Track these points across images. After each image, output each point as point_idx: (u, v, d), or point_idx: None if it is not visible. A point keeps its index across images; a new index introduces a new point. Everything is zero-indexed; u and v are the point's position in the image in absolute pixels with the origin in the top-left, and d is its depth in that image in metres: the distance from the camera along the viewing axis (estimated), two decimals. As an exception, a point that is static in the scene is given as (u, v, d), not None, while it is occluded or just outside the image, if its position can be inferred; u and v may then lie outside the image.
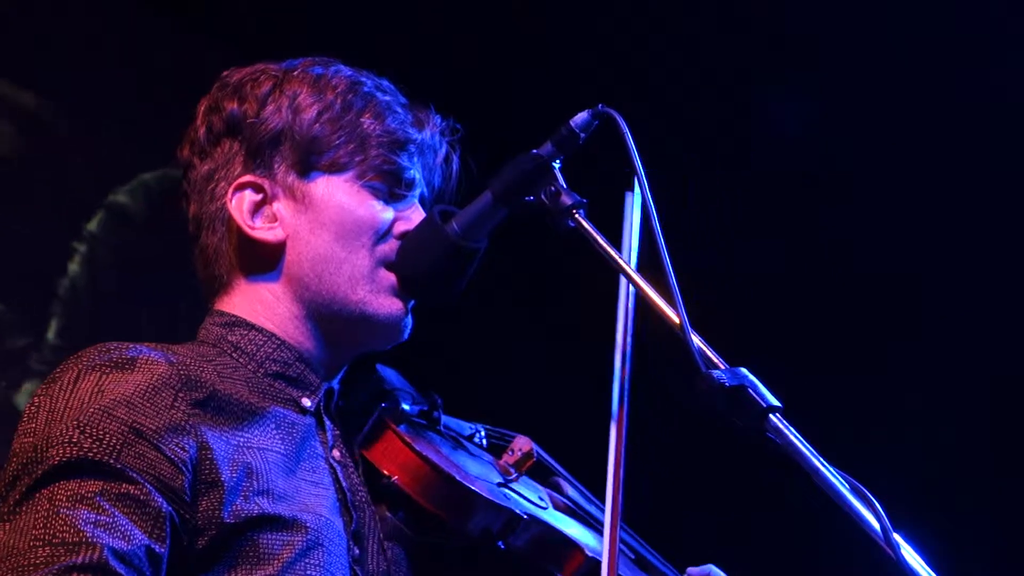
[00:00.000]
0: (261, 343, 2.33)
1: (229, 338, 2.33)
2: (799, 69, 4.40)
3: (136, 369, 2.16)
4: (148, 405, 2.13)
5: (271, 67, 2.42)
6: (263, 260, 2.36)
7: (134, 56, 4.37)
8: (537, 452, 2.57)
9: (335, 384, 2.40)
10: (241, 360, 2.31)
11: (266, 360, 2.32)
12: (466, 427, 2.57)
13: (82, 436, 2.08)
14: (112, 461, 2.07)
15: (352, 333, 2.38)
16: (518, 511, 2.38)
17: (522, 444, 2.57)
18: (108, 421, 2.09)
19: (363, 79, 2.42)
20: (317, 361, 2.36)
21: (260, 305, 2.35)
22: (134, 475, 2.07)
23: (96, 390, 2.12)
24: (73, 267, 4.25)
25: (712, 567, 2.54)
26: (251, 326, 2.34)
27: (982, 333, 4.42)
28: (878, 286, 4.53)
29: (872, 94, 4.43)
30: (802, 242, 4.59)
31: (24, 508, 2.04)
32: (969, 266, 4.43)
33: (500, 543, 2.37)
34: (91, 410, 2.10)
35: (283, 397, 2.31)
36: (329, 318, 2.35)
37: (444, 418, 2.50)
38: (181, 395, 2.16)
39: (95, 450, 2.07)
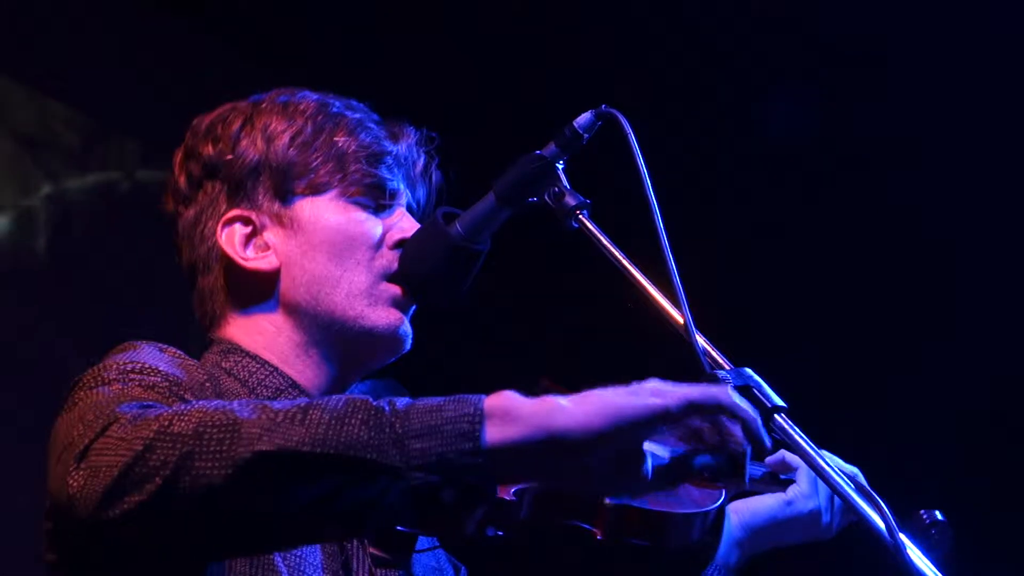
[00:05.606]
0: (254, 369, 2.32)
1: (223, 364, 2.33)
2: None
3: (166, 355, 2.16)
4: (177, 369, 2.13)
5: (239, 104, 2.44)
6: (259, 290, 2.37)
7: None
8: None
9: None
10: (234, 387, 2.30)
11: (258, 386, 2.31)
12: None
13: (129, 367, 2.06)
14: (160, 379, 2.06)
15: (354, 351, 2.37)
16: None
17: None
18: (151, 371, 2.08)
19: (330, 100, 2.43)
20: (319, 389, 2.35)
21: (260, 336, 2.36)
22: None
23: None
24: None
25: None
26: (245, 353, 2.34)
27: (989, 334, 4.43)
28: (880, 285, 4.53)
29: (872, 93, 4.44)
30: (803, 241, 4.59)
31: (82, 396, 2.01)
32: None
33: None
34: (130, 362, 2.09)
35: None
36: (330, 341, 2.35)
37: None
38: (199, 390, 2.14)
39: (142, 373, 2.06)
